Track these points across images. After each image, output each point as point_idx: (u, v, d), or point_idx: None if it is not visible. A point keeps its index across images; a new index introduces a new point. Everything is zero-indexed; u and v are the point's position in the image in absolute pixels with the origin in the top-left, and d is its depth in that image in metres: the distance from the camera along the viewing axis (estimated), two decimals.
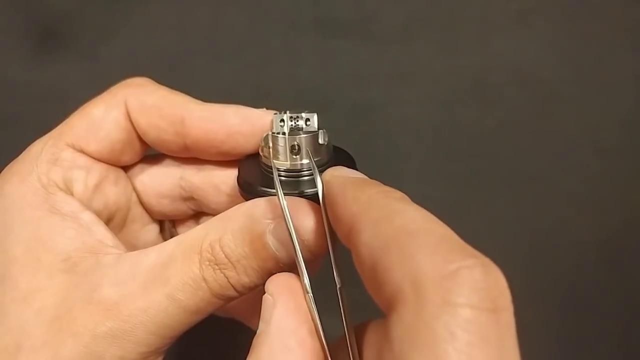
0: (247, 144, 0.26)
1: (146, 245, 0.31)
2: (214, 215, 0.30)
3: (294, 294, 0.20)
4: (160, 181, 0.29)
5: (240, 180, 0.25)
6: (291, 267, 0.22)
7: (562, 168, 0.45)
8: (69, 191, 0.25)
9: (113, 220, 0.28)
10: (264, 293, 0.21)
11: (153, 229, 0.31)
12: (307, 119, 0.24)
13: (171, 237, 0.31)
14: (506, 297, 0.14)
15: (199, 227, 0.23)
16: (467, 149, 0.45)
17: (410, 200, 0.18)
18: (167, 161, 0.29)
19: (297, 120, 0.24)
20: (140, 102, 0.26)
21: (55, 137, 0.26)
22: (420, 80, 0.46)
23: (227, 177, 0.28)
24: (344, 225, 0.18)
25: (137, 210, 0.30)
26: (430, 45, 0.47)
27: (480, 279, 0.13)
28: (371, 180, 0.20)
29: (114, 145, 0.26)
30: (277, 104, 0.26)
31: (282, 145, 0.24)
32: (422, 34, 0.47)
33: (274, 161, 0.24)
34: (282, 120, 0.24)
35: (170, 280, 0.22)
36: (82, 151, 0.26)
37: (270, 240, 0.22)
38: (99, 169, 0.27)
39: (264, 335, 0.19)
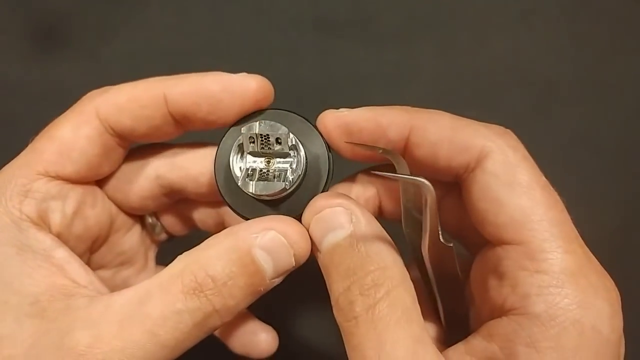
0: (231, 111, 0.25)
1: (132, 249, 0.30)
2: (197, 201, 0.30)
3: (356, 203, 0.23)
4: (138, 185, 0.28)
5: (231, 206, 0.25)
6: (271, 284, 0.22)
7: (562, 168, 0.45)
8: (44, 224, 0.24)
9: (97, 240, 0.28)
10: (316, 213, 0.23)
11: (136, 229, 0.31)
12: (278, 139, 0.23)
13: (156, 231, 0.31)
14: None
15: (174, 262, 0.22)
16: None
17: None
18: (139, 164, 0.28)
19: (268, 141, 0.23)
20: (114, 105, 0.25)
21: (23, 166, 0.24)
22: (420, 80, 0.46)
23: (204, 167, 0.27)
24: (400, 129, 0.25)
25: (119, 219, 0.29)
26: (430, 45, 0.47)
27: (513, 134, 0.25)
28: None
29: (91, 161, 0.25)
30: (277, 104, 0.26)
31: (251, 190, 0.23)
32: (422, 34, 0.47)
33: (249, 190, 0.23)
34: (252, 138, 0.23)
35: (150, 315, 0.21)
36: (57, 177, 0.25)
37: (258, 253, 0.22)
38: (75, 194, 0.26)
39: (359, 232, 0.22)
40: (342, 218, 0.22)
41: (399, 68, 0.46)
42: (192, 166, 0.27)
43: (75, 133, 0.25)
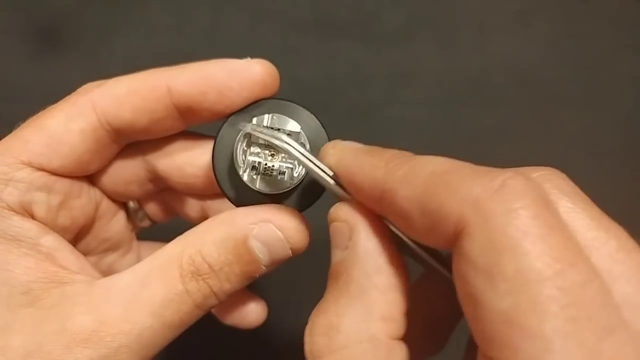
0: (239, 99, 0.24)
1: (118, 235, 0.30)
2: (181, 192, 0.29)
3: (368, 217, 0.20)
4: (124, 169, 0.27)
5: (229, 196, 0.24)
6: (268, 270, 0.23)
7: (562, 168, 0.45)
8: (26, 214, 0.23)
9: (82, 230, 0.27)
10: (331, 222, 0.20)
11: (121, 216, 0.30)
12: (289, 135, 0.22)
13: (139, 216, 0.31)
14: (543, 192, 0.16)
15: (171, 243, 0.23)
16: (467, 149, 0.45)
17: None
18: (126, 148, 0.27)
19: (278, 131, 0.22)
20: (112, 98, 0.24)
21: (4, 153, 0.23)
22: (420, 80, 0.46)
23: (191, 158, 0.26)
24: (371, 191, 0.19)
25: (103, 206, 0.28)
26: (430, 45, 0.47)
27: (523, 183, 0.15)
28: (373, 147, 0.21)
29: (81, 157, 0.24)
30: None
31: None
32: (422, 34, 0.47)
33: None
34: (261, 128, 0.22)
35: (153, 298, 0.21)
36: (41, 169, 0.23)
37: (254, 244, 0.22)
38: (61, 186, 0.24)
39: (349, 259, 0.19)
40: (343, 238, 0.20)
41: (399, 68, 0.46)
42: (179, 155, 0.27)
43: (67, 126, 0.23)
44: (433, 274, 0.21)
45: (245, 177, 0.23)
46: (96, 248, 0.29)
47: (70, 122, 0.23)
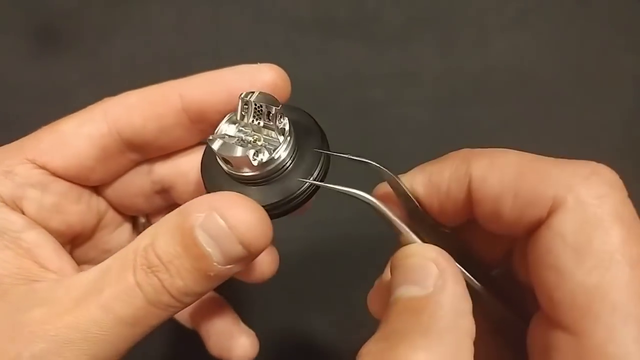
0: None
1: (121, 247, 0.29)
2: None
3: (455, 265, 0.20)
4: (130, 180, 0.27)
5: (207, 184, 0.23)
6: (226, 271, 0.21)
7: None
8: (17, 208, 0.23)
9: (79, 237, 0.27)
10: (407, 258, 0.20)
11: (126, 228, 0.29)
12: (270, 113, 0.21)
13: (145, 229, 0.30)
14: (622, 183, 0.19)
15: (136, 238, 0.21)
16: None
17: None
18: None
19: (260, 113, 0.21)
20: (124, 105, 0.24)
21: (15, 148, 0.24)
22: (420, 80, 0.46)
23: (195, 163, 0.25)
24: (458, 186, 0.21)
25: (108, 216, 0.28)
26: (430, 45, 0.47)
27: (611, 173, 0.18)
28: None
29: (84, 162, 0.24)
30: None
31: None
32: (422, 34, 0.47)
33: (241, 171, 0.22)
34: (247, 105, 0.22)
35: (104, 290, 0.20)
36: (44, 167, 0.24)
37: (200, 235, 0.20)
38: (58, 187, 0.24)
39: (437, 298, 0.19)
40: (428, 277, 0.20)
41: (399, 68, 0.46)
42: (184, 161, 0.26)
43: (76, 129, 0.24)
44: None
45: (214, 145, 0.21)
46: (96, 257, 0.28)
47: (80, 126, 0.24)
